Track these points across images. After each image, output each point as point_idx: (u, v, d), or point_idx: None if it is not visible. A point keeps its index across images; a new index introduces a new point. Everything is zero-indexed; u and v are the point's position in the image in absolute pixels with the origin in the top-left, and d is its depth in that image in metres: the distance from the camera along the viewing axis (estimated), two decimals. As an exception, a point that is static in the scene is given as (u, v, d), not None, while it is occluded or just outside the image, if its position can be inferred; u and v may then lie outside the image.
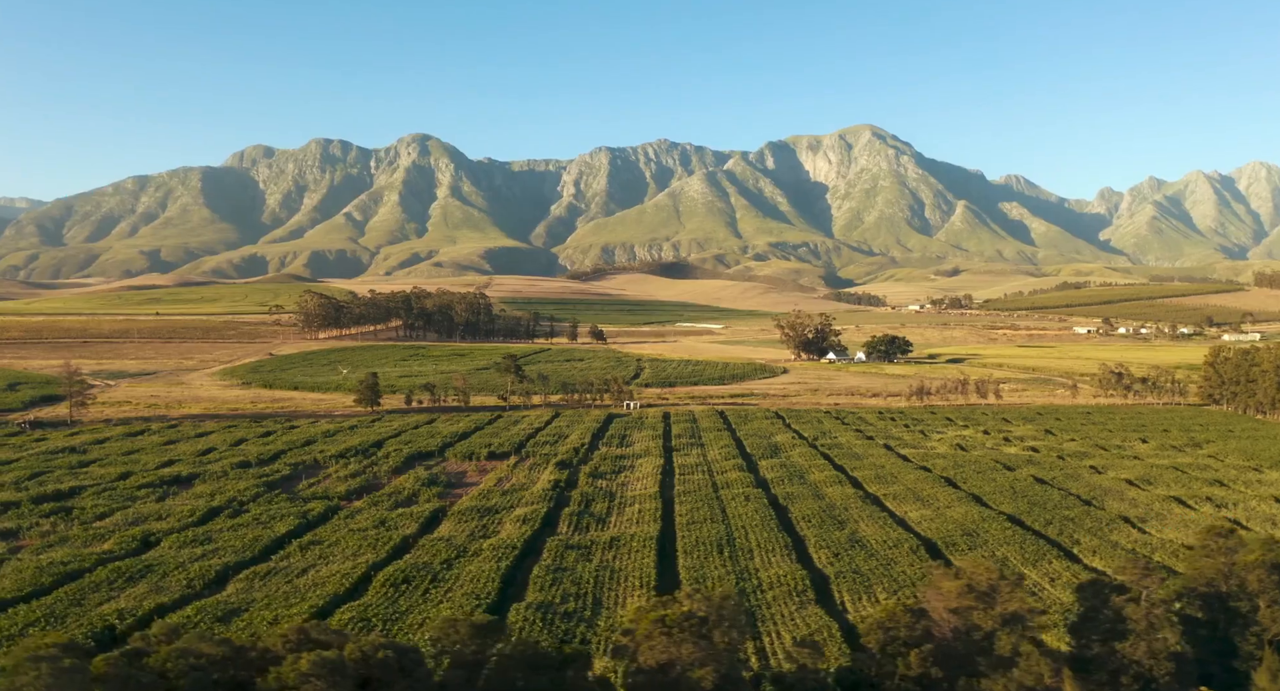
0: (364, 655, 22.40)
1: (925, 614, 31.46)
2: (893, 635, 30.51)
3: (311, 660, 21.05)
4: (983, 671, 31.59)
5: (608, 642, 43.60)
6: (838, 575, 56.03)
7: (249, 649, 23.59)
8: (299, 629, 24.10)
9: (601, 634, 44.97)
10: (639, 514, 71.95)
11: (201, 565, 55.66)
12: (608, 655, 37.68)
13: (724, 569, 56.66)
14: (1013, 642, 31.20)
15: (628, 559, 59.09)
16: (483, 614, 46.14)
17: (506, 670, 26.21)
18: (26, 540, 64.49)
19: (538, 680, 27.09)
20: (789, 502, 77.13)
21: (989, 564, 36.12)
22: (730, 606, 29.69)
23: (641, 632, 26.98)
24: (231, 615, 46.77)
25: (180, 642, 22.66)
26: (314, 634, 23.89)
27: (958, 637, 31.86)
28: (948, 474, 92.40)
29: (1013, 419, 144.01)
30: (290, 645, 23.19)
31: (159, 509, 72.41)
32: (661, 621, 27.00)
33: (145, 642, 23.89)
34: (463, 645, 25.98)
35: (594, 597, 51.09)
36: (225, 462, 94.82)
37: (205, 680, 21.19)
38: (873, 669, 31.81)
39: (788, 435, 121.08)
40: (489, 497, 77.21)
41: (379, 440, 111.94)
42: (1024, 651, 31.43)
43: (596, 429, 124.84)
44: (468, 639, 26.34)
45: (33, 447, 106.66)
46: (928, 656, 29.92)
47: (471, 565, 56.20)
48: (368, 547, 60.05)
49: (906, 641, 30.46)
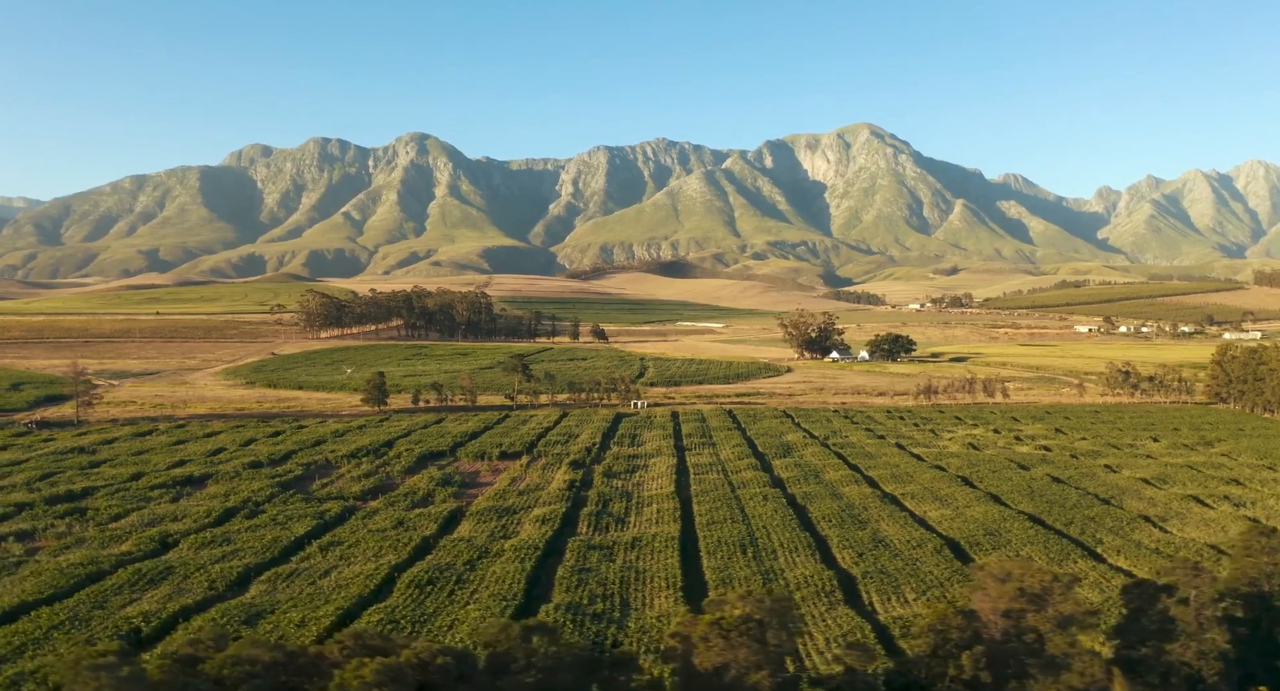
0: (421, 661, 21.91)
1: (975, 615, 31.00)
2: (944, 637, 30.05)
3: (374, 668, 20.56)
4: (1033, 673, 31.15)
5: (639, 644, 43.16)
6: (864, 575, 55.57)
7: (300, 654, 23.08)
8: (354, 634, 23.62)
9: (633, 635, 44.49)
10: (658, 514, 71.46)
11: (222, 566, 55.11)
12: (648, 656, 37.19)
13: (749, 569, 56.19)
14: (1066, 645, 30.75)
15: (651, 559, 58.61)
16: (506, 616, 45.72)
17: (559, 672, 25.73)
18: (43, 541, 63.94)
19: (589, 682, 26.62)
20: (807, 502, 76.69)
21: (1040, 565, 35.68)
22: (782, 608, 29.21)
23: (698, 635, 26.47)
24: (257, 617, 46.24)
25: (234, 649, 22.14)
26: (368, 639, 23.40)
27: (1008, 639, 31.41)
28: (963, 473, 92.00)
29: (1022, 418, 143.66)
30: (346, 651, 22.70)
31: (174, 509, 71.84)
32: (718, 624, 26.51)
33: (195, 648, 23.37)
34: (514, 648, 25.47)
35: (621, 598, 50.60)
36: (236, 463, 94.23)
37: (262, 687, 20.70)
38: (921, 671, 31.34)
39: (798, 434, 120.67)
40: (505, 497, 76.70)
41: (389, 440, 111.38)
42: (1076, 653, 30.98)
43: (606, 428, 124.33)
44: (519, 641, 25.83)
45: (41, 448, 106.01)
46: (980, 658, 29.46)
47: (495, 566, 55.69)
48: (388, 548, 59.52)
49: (958, 643, 30.00)
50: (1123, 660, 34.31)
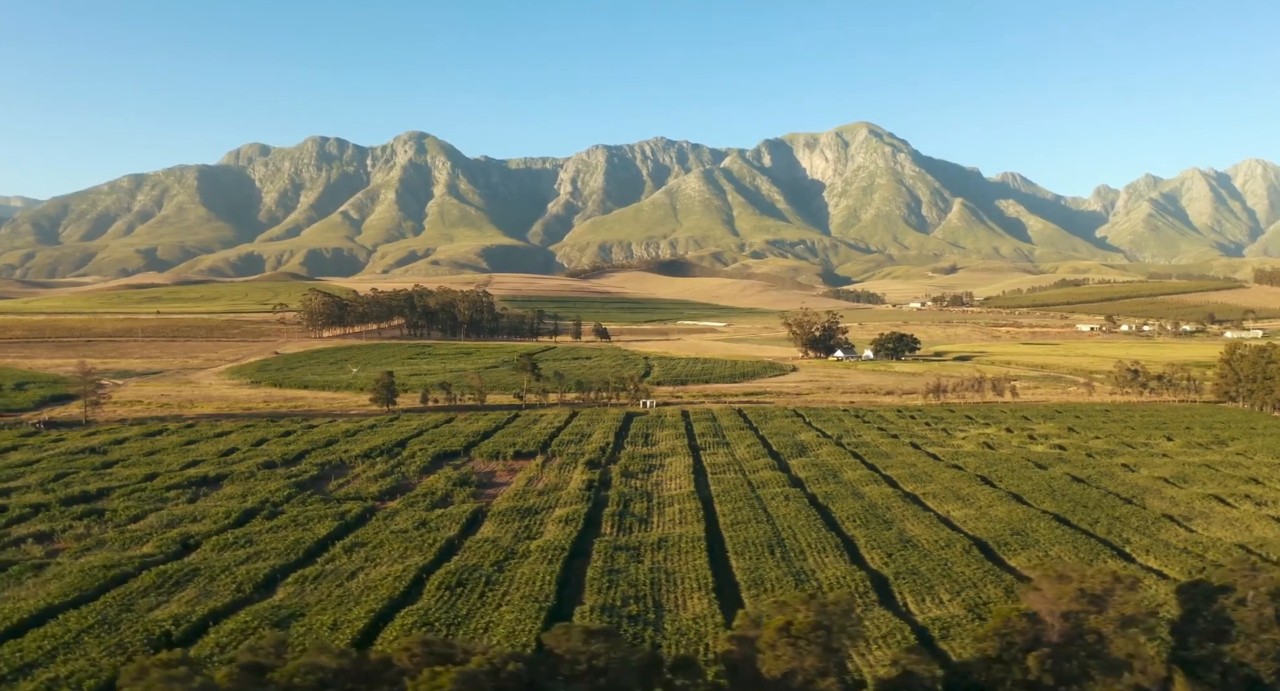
0: (494, 666, 21.36)
1: (1037, 617, 30.50)
2: (1009, 640, 29.53)
3: (452, 676, 19.98)
4: (1094, 675, 30.66)
5: (679, 646, 42.64)
6: (896, 576, 55.03)
7: (367, 660, 22.52)
8: (422, 641, 23.08)
9: (671, 637, 43.95)
10: (680, 514, 70.92)
11: (248, 568, 54.49)
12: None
13: (779, 570, 55.65)
14: (1129, 646, 30.25)
15: (679, 560, 58.07)
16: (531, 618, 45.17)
17: (622, 676, 25.20)
18: (62, 542, 63.31)
19: (651, 686, 26.09)
20: (829, 502, 76.17)
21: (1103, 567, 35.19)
22: (844, 612, 28.70)
23: (766, 641, 25.90)
24: (288, 619, 45.65)
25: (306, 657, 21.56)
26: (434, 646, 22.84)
27: (1069, 641, 30.92)
28: (981, 472, 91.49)
29: (1032, 417, 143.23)
30: (415, 658, 22.14)
31: (192, 510, 71.22)
32: (786, 630, 25.96)
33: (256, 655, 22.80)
34: (577, 651, 24.93)
35: (653, 600, 50.06)
36: (250, 463, 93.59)
37: (335, 696, 20.16)
38: (981, 674, 30.83)
39: (811, 433, 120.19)
40: (525, 498, 76.14)
41: (401, 439, 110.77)
42: (1138, 654, 30.48)
43: (618, 428, 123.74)
44: (581, 645, 25.30)
45: (51, 448, 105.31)
46: (1045, 661, 28.96)
47: (523, 567, 55.13)
48: (413, 550, 58.94)
49: (1022, 646, 29.49)
50: (1180, 660, 33.84)
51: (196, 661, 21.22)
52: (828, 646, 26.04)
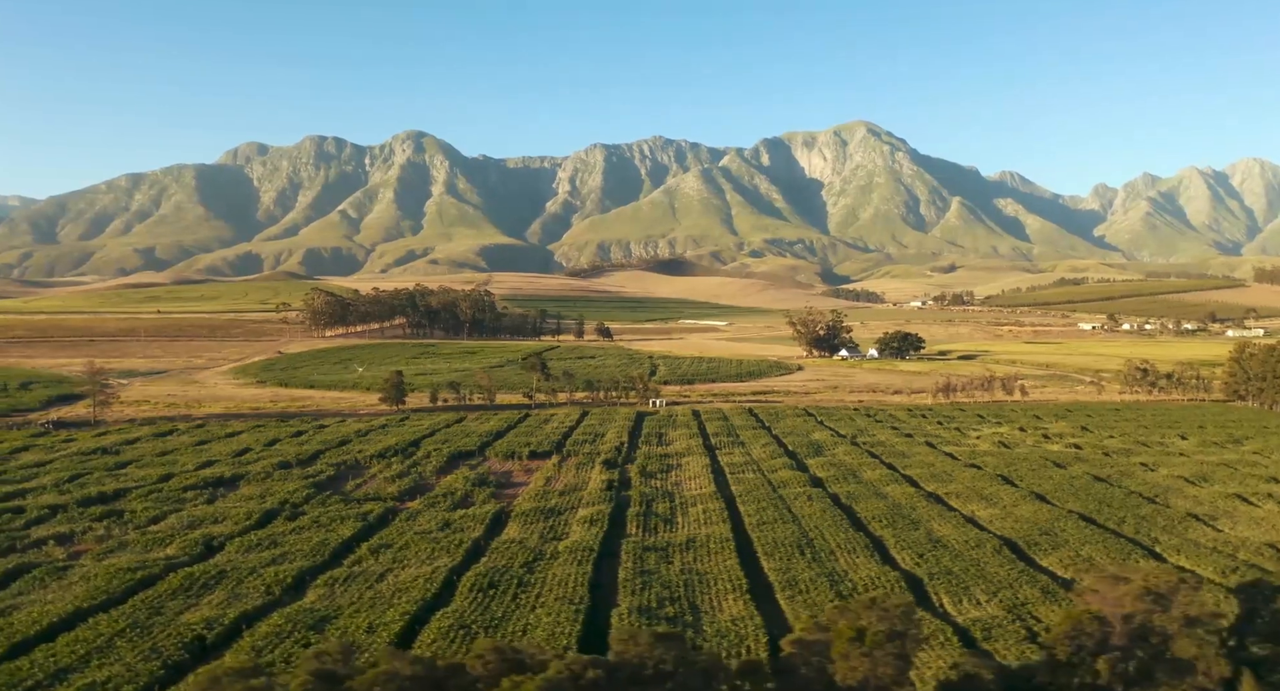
0: (574, 673, 20.82)
1: (1105, 620, 29.99)
2: (1079, 643, 29.01)
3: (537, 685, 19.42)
4: (1158, 677, 30.17)
5: (719, 648, 42.10)
6: (931, 577, 54.53)
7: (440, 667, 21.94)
8: (494, 647, 22.47)
9: (711, 639, 43.42)
10: (704, 514, 70.38)
11: (275, 570, 53.87)
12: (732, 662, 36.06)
13: (811, 571, 55.12)
14: (1193, 647, 29.75)
15: (709, 561, 57.55)
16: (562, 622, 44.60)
17: (690, 681, 24.66)
18: (82, 544, 62.66)
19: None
20: (853, 502, 75.67)
21: (1167, 567, 34.69)
22: (905, 616, 28.17)
23: (839, 651, 25.32)
24: (323, 622, 45.07)
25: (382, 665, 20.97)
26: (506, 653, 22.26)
27: (1133, 642, 30.42)
28: (1001, 471, 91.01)
29: (1044, 416, 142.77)
30: (489, 665, 21.55)
31: (212, 511, 70.56)
32: (861, 638, 25.40)
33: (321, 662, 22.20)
34: (646, 656, 24.38)
35: (689, 602, 49.50)
36: (265, 463, 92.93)
37: (415, 706, 19.60)
38: (1045, 677, 30.32)
39: (825, 433, 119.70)
40: (546, 498, 75.57)
41: (415, 439, 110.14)
42: (1203, 654, 29.99)
43: (631, 427, 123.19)
44: (648, 649, 24.75)
45: (63, 448, 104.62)
46: (1115, 663, 28.45)
47: (553, 568, 54.57)
48: (441, 551, 58.36)
49: (1091, 649, 28.98)
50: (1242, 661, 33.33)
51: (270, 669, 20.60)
52: (901, 654, 25.51)
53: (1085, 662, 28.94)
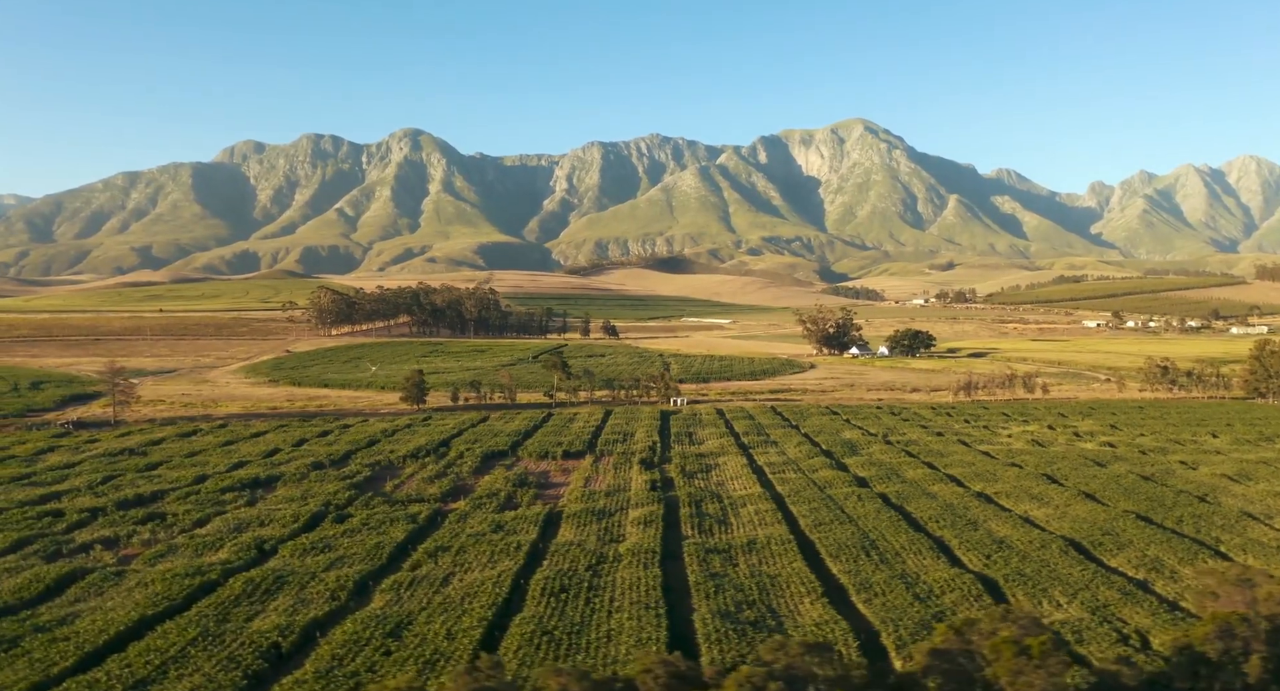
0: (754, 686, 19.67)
1: (1249, 621, 28.92)
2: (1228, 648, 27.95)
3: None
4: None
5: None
6: (1005, 579, 53.43)
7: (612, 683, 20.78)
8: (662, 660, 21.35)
9: (801, 647, 42.29)
10: (757, 515, 69.28)
11: (336, 575, 52.63)
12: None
13: (882, 573, 54.00)
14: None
15: (775, 563, 56.44)
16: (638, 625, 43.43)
17: (849, 697, 23.53)
18: (130, 548, 61.37)
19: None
20: (903, 502, 74.61)
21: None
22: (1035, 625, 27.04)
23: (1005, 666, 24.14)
24: (399, 629, 43.86)
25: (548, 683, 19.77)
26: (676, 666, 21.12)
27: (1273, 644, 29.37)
28: (1044, 470, 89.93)
29: (1068, 414, 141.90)
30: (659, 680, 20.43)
31: (255, 514, 69.25)
32: (1026, 651, 24.26)
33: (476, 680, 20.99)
34: (799, 668, 23.25)
35: (765, 605, 48.39)
36: (297, 464, 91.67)
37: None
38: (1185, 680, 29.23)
39: (854, 432, 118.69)
40: (593, 499, 74.37)
41: (444, 439, 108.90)
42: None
43: (658, 426, 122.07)
44: (799, 658, 23.61)
45: (88, 449, 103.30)
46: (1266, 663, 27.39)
47: (619, 571, 53.40)
48: (500, 554, 57.13)
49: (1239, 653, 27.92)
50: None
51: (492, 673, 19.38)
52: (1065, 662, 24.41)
53: (1234, 663, 27.88)
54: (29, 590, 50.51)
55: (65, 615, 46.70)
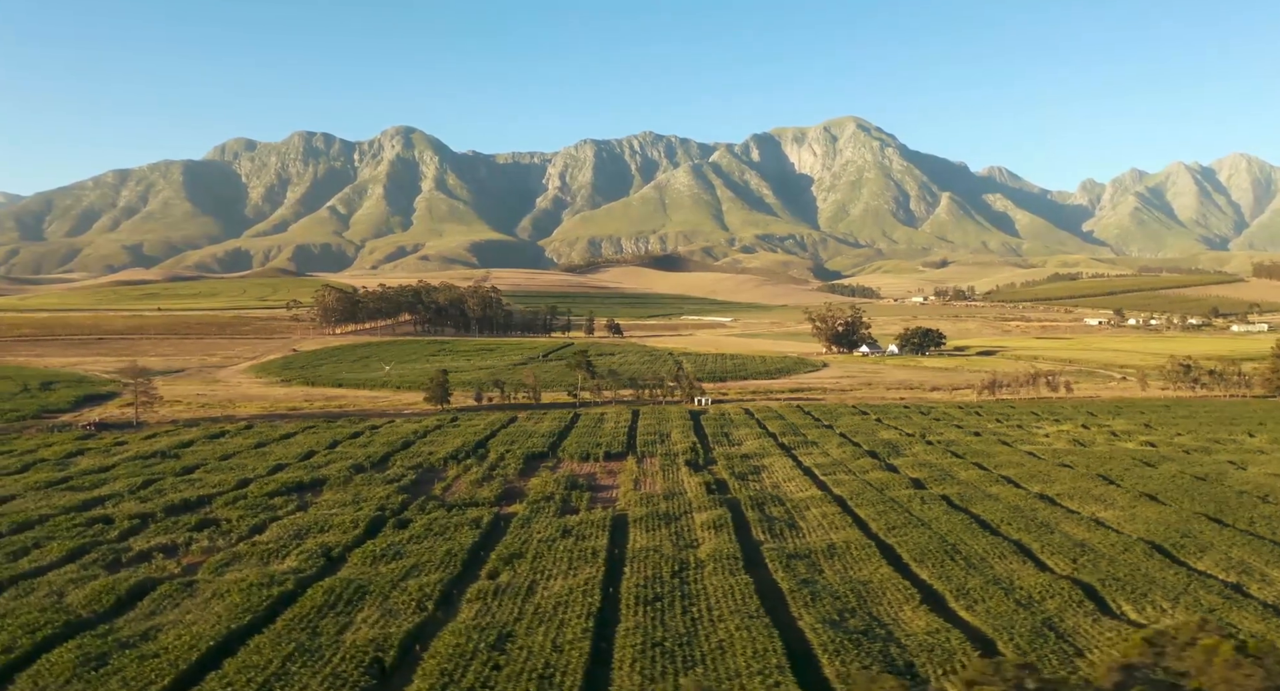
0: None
1: None
2: None
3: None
4: None
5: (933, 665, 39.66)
6: (1100, 583, 52.15)
7: None
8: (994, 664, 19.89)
9: (917, 655, 40.91)
10: (825, 518, 67.92)
11: (416, 583, 50.98)
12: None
13: (975, 578, 52.63)
14: None
15: (861, 568, 55.09)
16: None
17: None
18: (190, 556, 59.55)
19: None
20: (967, 504, 73.36)
21: None
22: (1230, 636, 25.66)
23: (1219, 672, 22.86)
24: (501, 641, 42.28)
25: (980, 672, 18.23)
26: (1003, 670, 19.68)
27: None
28: (1096, 471, 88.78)
29: (1097, 413, 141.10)
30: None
31: (311, 519, 67.44)
32: (1236, 664, 22.97)
33: None
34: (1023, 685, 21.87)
35: (868, 614, 47.01)
36: (336, 466, 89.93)
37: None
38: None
39: (891, 432, 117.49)
40: (652, 502, 72.84)
41: (479, 440, 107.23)
42: None
43: (691, 426, 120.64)
44: (1017, 677, 22.22)
45: (118, 452, 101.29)
46: None
47: (708, 579, 51.92)
48: (579, 561, 55.59)
49: None
50: None
51: None
52: None
53: None
54: (101, 602, 48.72)
55: (146, 629, 44.94)
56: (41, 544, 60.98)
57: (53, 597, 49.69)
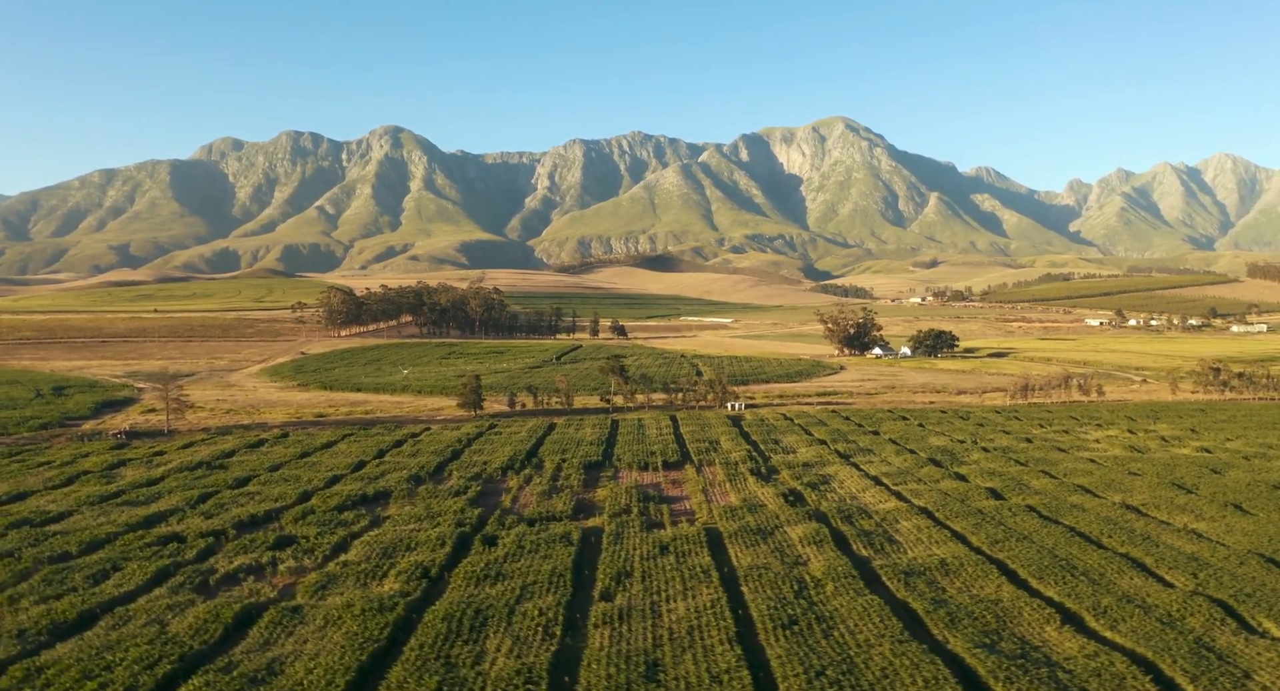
0: None
1: None
2: None
3: None
4: None
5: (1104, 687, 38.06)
6: (1234, 599, 50.64)
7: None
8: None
9: (1089, 682, 39.29)
10: (919, 532, 66.27)
11: (534, 607, 48.89)
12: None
13: (1105, 595, 50.80)
14: None
15: (982, 585, 53.43)
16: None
17: None
18: (279, 577, 57.14)
19: None
20: (1056, 515, 71.84)
21: None
22: None
23: None
24: (652, 670, 40.39)
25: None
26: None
27: None
28: (1167, 479, 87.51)
29: (1136, 417, 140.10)
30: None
31: (392, 536, 65.06)
32: None
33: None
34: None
35: (1015, 636, 45.31)
36: (393, 477, 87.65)
37: None
38: None
39: (940, 438, 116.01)
40: (737, 516, 70.96)
41: (528, 449, 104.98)
42: None
43: (736, 433, 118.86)
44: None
45: (161, 463, 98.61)
46: None
47: (834, 599, 50.15)
48: (692, 581, 53.61)
49: None
50: None
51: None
52: None
53: None
54: (208, 631, 46.32)
55: (269, 662, 42.68)
56: (119, 566, 58.47)
57: (154, 627, 47.30)
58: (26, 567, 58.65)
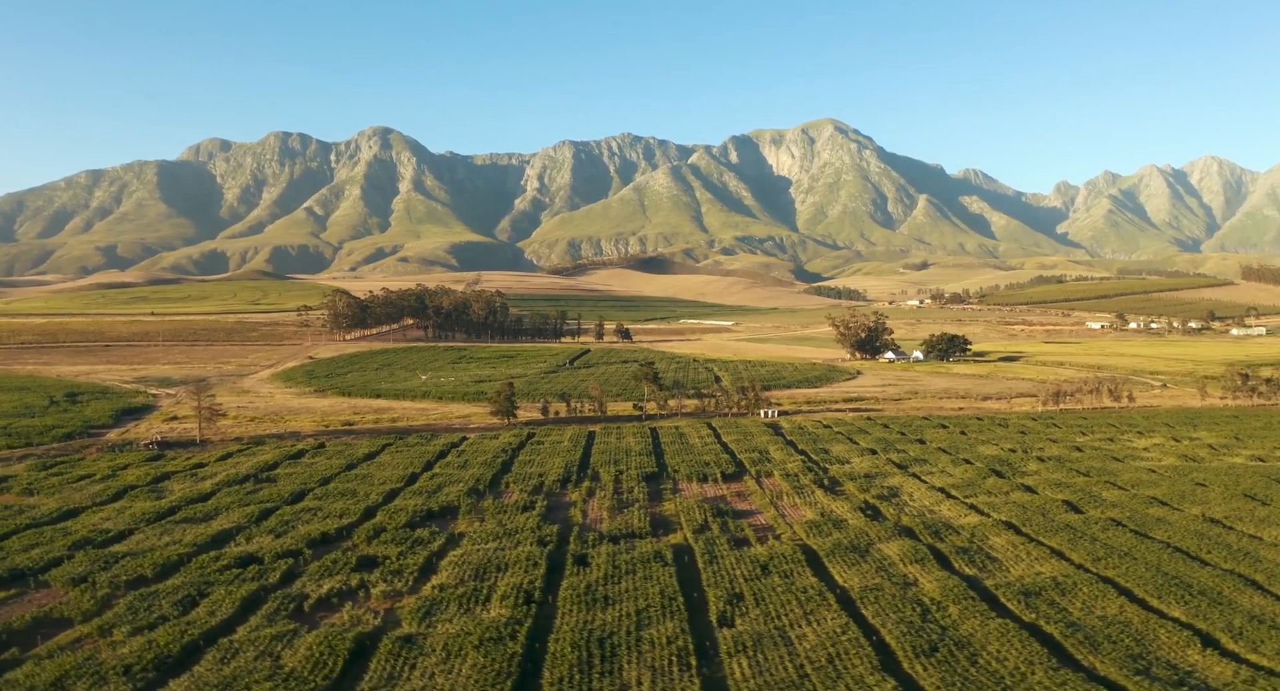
0: None
1: None
2: None
3: None
4: None
5: None
6: (1369, 623, 49.55)
7: None
8: None
9: None
10: (1012, 547, 65.03)
11: (659, 633, 47.17)
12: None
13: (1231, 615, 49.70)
14: None
15: (1106, 606, 52.17)
16: None
17: None
18: (374, 602, 55.10)
19: None
20: (1144, 529, 70.62)
21: None
22: None
23: None
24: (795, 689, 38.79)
25: None
26: None
27: None
28: (1235, 490, 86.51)
29: (1174, 424, 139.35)
30: None
31: (477, 557, 63.02)
32: None
33: None
34: None
35: (1162, 661, 44.00)
36: (451, 492, 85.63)
37: None
38: None
39: (990, 447, 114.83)
40: (823, 531, 69.48)
41: (577, 459, 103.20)
42: None
43: (782, 442, 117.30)
44: None
45: (205, 476, 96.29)
46: None
47: (964, 623, 48.69)
48: (811, 604, 51.97)
49: None
50: None
51: None
52: None
53: None
54: (328, 665, 44.29)
55: (404, 697, 40.85)
56: (205, 591, 56.37)
57: (267, 660, 45.29)
58: (106, 594, 56.48)
